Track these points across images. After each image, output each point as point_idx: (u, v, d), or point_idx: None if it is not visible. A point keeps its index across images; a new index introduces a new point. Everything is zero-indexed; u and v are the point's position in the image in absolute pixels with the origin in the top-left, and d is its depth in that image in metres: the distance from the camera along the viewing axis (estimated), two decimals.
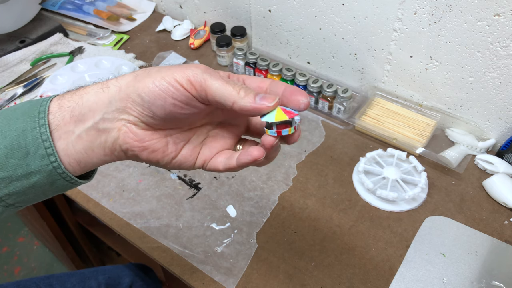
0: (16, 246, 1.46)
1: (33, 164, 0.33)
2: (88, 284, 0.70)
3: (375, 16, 0.68)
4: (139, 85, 0.32)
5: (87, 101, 0.33)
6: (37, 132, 0.33)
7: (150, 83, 0.32)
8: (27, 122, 0.33)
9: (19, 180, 0.34)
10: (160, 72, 0.32)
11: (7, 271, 1.39)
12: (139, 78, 0.33)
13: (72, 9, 1.02)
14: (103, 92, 0.33)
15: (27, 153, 0.33)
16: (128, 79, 0.33)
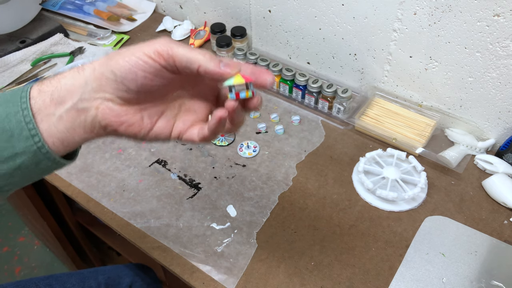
0: (17, 246, 1.46)
1: (18, 145, 0.35)
2: (88, 284, 0.70)
3: (375, 16, 0.68)
4: (111, 63, 0.34)
5: (65, 84, 0.36)
6: (20, 116, 0.35)
7: (120, 59, 0.34)
8: (10, 107, 0.35)
9: (5, 162, 0.35)
10: (129, 50, 0.35)
11: (8, 270, 1.40)
12: (111, 56, 0.35)
13: (73, 9, 1.02)
14: (78, 74, 0.36)
15: (11, 136, 0.35)
16: (101, 60, 0.35)
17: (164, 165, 0.69)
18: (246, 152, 0.70)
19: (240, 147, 0.71)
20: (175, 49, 0.34)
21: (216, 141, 0.72)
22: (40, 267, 1.41)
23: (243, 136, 0.73)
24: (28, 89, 0.36)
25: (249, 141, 0.72)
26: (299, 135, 0.73)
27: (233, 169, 0.68)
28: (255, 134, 0.74)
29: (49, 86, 0.36)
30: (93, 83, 0.35)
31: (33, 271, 1.40)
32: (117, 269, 0.77)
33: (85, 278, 0.71)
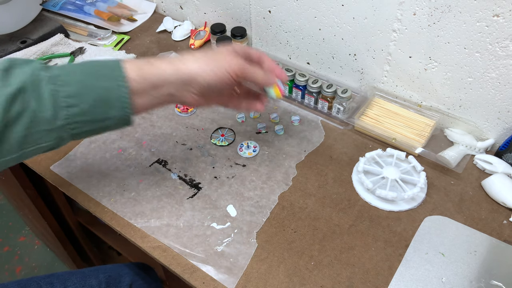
0: (17, 246, 1.47)
1: (111, 112, 0.49)
2: (89, 282, 0.70)
3: (375, 17, 0.68)
4: (204, 75, 0.51)
5: (165, 78, 0.50)
6: (118, 91, 0.48)
7: (212, 74, 0.51)
8: (109, 82, 0.48)
9: (97, 123, 0.49)
10: (216, 62, 0.51)
11: (8, 270, 1.40)
12: (202, 67, 0.51)
13: (73, 9, 1.03)
14: (177, 74, 0.51)
15: (110, 105, 0.48)
16: (194, 68, 0.51)
17: (164, 165, 0.69)
18: (246, 152, 0.70)
19: (240, 147, 0.71)
20: (247, 70, 0.53)
21: (216, 141, 0.72)
22: (40, 266, 1.42)
23: (243, 136, 0.74)
24: (123, 68, 0.48)
25: (249, 141, 0.72)
26: (299, 135, 0.73)
27: (233, 169, 0.68)
28: (255, 134, 0.74)
29: (148, 69, 0.50)
30: (187, 84, 0.51)
31: (33, 270, 1.41)
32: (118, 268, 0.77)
33: (86, 277, 0.71)
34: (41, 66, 0.47)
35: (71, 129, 0.48)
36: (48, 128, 0.46)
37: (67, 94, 0.46)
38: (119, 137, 0.74)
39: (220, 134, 0.74)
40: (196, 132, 0.74)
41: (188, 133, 0.74)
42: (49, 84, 0.46)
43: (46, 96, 0.45)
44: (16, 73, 0.46)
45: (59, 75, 0.47)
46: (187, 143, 0.73)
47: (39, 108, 0.45)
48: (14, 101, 0.44)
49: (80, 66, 0.49)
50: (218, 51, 0.54)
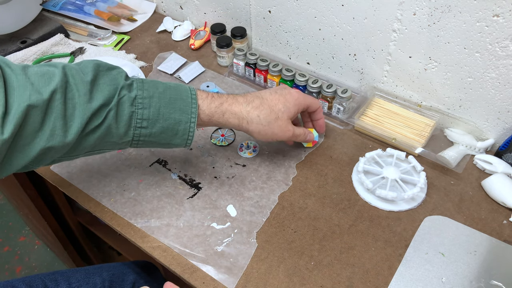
0: (17, 246, 1.47)
1: (175, 141, 0.54)
2: (93, 280, 0.70)
3: (375, 17, 0.68)
4: (261, 137, 0.60)
5: (228, 126, 0.58)
6: (187, 125, 0.53)
7: (268, 138, 0.60)
8: (183, 116, 0.53)
9: (158, 144, 0.54)
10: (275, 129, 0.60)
11: (8, 270, 1.40)
12: (263, 131, 0.59)
13: (73, 9, 1.03)
14: (239, 128, 0.59)
15: (175, 134, 0.54)
16: (255, 130, 0.59)
17: (164, 165, 0.69)
18: (246, 152, 0.70)
19: (240, 147, 0.71)
20: (308, 100, 0.63)
21: (216, 141, 0.72)
22: (40, 266, 1.42)
23: (243, 136, 0.74)
24: (197, 104, 0.54)
25: (249, 141, 0.72)
26: None
27: (233, 169, 0.68)
28: None
29: (216, 112, 0.56)
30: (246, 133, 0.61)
31: (33, 270, 1.41)
32: (122, 266, 0.77)
33: (90, 275, 0.71)
34: (124, 82, 0.50)
35: (134, 144, 0.53)
36: (117, 141, 0.51)
37: (142, 117, 0.51)
38: None
39: (220, 134, 0.74)
40: (196, 132, 0.74)
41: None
42: (130, 106, 0.50)
43: (125, 117, 0.50)
44: (101, 87, 0.49)
45: (139, 97, 0.51)
46: None
47: (115, 125, 0.50)
48: (95, 115, 0.48)
49: (159, 89, 0.52)
50: (283, 110, 0.59)
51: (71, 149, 0.48)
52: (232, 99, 0.57)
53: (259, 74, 0.81)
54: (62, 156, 0.49)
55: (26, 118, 0.43)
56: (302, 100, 0.62)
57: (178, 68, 0.87)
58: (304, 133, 0.65)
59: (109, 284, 0.71)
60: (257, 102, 0.58)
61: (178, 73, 0.86)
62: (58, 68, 0.47)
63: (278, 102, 0.59)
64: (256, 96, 0.59)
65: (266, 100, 0.59)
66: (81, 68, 0.49)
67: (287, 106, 0.59)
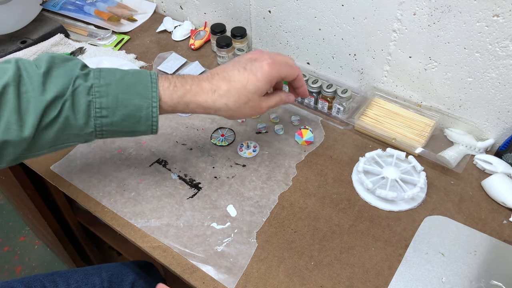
0: (17, 246, 1.47)
1: (139, 127, 0.52)
2: (91, 280, 0.70)
3: (375, 17, 0.68)
4: (229, 115, 0.56)
5: (194, 111, 0.55)
6: (149, 111, 0.51)
7: (238, 115, 0.57)
8: (143, 101, 0.50)
9: (123, 133, 0.52)
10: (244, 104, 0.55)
11: (8, 270, 1.40)
12: (230, 109, 0.55)
13: (73, 9, 1.03)
14: (205, 111, 0.55)
15: (138, 121, 0.51)
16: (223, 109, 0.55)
17: (164, 165, 0.69)
18: (246, 152, 0.70)
19: (240, 147, 0.71)
20: (283, 72, 0.57)
21: (216, 141, 0.72)
22: (40, 266, 1.42)
23: (243, 136, 0.74)
24: (157, 88, 0.51)
25: (249, 141, 0.72)
26: None
27: (233, 169, 0.68)
28: (255, 134, 0.74)
29: (179, 99, 0.53)
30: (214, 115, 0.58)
31: (33, 270, 1.41)
32: (121, 267, 0.77)
33: (88, 275, 0.71)
34: (79, 72, 0.49)
35: (98, 134, 0.51)
36: (78, 133, 0.50)
37: (100, 106, 0.49)
38: None
39: (220, 134, 0.74)
40: (196, 132, 0.74)
41: (188, 133, 0.74)
42: (84, 94, 0.48)
43: (80, 106, 0.48)
44: (55, 78, 0.47)
45: (96, 85, 0.49)
46: (187, 143, 0.73)
47: (73, 116, 0.48)
48: (50, 108, 0.47)
49: (116, 76, 0.51)
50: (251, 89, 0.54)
51: (32, 144, 0.48)
52: (196, 87, 0.53)
53: None
54: (25, 152, 0.48)
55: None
56: (276, 74, 0.55)
57: (178, 68, 0.87)
58: (281, 99, 0.60)
59: (108, 285, 0.71)
60: (224, 88, 0.53)
61: (178, 73, 0.86)
62: (11, 62, 0.47)
63: (247, 83, 0.54)
64: (223, 79, 0.54)
65: (233, 83, 0.54)
66: (35, 62, 0.48)
67: (257, 85, 0.54)
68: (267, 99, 0.58)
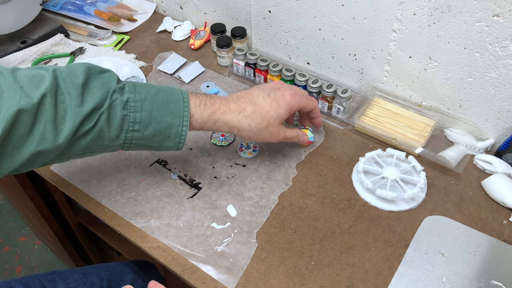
0: (17, 246, 1.47)
1: (167, 144, 0.54)
2: (90, 280, 0.70)
3: (375, 17, 0.68)
4: (253, 138, 0.60)
5: (220, 130, 0.58)
6: (179, 128, 0.53)
7: (260, 139, 0.61)
8: (174, 119, 0.53)
9: (150, 147, 0.55)
10: (266, 131, 0.59)
11: (8, 270, 1.40)
12: (253, 134, 0.59)
13: (73, 9, 1.03)
14: (231, 131, 0.58)
15: (168, 138, 0.53)
16: (246, 132, 0.58)
17: (164, 165, 0.69)
18: (246, 152, 0.70)
19: (240, 147, 0.71)
20: (302, 103, 0.62)
21: (216, 141, 0.72)
22: (40, 266, 1.42)
23: None
24: (189, 108, 0.54)
25: (249, 141, 0.72)
26: None
27: (233, 169, 0.68)
28: None
29: (208, 118, 0.55)
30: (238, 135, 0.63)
31: (33, 270, 1.41)
32: (120, 266, 0.77)
33: (87, 274, 0.71)
34: (116, 86, 0.50)
35: (126, 146, 0.53)
36: (108, 144, 0.51)
37: (134, 120, 0.51)
38: None
39: (220, 134, 0.74)
40: (196, 132, 0.74)
41: (188, 133, 0.74)
42: (122, 109, 0.50)
43: (117, 120, 0.50)
44: (93, 90, 0.48)
45: (131, 100, 0.50)
46: (187, 143, 0.73)
47: (107, 128, 0.49)
48: (87, 119, 0.47)
49: (151, 92, 0.52)
50: (274, 117, 0.59)
51: (62, 152, 0.48)
52: (224, 106, 0.57)
53: (259, 74, 0.81)
54: (54, 158, 0.49)
55: (16, 122, 0.42)
56: (296, 104, 0.61)
57: (178, 68, 0.87)
58: (297, 135, 0.65)
59: (107, 284, 0.71)
60: (249, 110, 0.57)
61: (178, 73, 0.86)
62: (49, 71, 0.47)
63: (270, 109, 0.58)
64: (249, 102, 0.58)
65: (258, 107, 0.58)
66: (72, 71, 0.48)
67: (278, 112, 0.59)
68: (286, 129, 0.62)
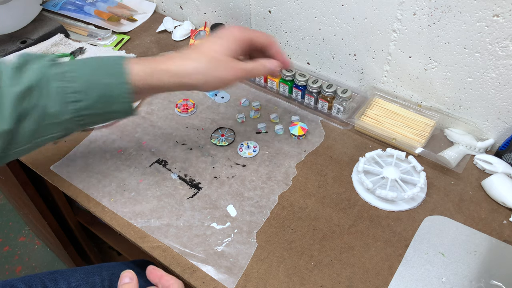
0: (17, 246, 1.47)
1: (115, 107, 0.52)
2: (92, 279, 0.70)
3: (375, 17, 0.68)
4: (206, 86, 0.54)
5: (167, 87, 0.53)
6: (122, 86, 0.51)
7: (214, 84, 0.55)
8: (113, 79, 0.50)
9: (101, 115, 0.52)
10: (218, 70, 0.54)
11: (8, 270, 1.40)
12: (204, 78, 0.53)
13: (73, 9, 1.03)
14: (179, 85, 0.53)
15: (113, 101, 0.51)
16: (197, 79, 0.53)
17: (164, 165, 0.69)
18: (246, 152, 0.70)
19: (240, 147, 0.71)
20: (253, 35, 0.57)
21: (216, 141, 0.72)
22: (40, 266, 1.42)
23: (243, 136, 0.74)
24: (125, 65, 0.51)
25: (249, 141, 0.72)
26: None
27: (233, 169, 0.68)
28: (255, 134, 0.74)
29: (150, 74, 0.52)
30: (190, 89, 0.55)
31: (33, 270, 1.41)
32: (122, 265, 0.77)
33: (89, 274, 0.71)
34: (51, 63, 0.50)
35: (78, 121, 0.52)
36: (57, 121, 0.50)
37: (73, 90, 0.50)
38: (119, 137, 0.74)
39: (220, 134, 0.74)
40: (196, 132, 0.74)
41: (188, 133, 0.74)
42: (56, 81, 0.49)
43: (54, 93, 0.49)
44: (27, 71, 0.49)
45: (66, 72, 0.50)
46: (187, 143, 0.73)
47: (47, 104, 0.49)
48: (24, 99, 0.48)
49: (87, 62, 0.52)
50: (220, 50, 0.54)
51: (15, 136, 0.49)
52: (167, 58, 0.54)
53: None
54: (10, 145, 0.49)
55: None
56: (246, 35, 0.56)
57: None
58: (260, 64, 0.57)
59: (109, 283, 0.71)
60: (193, 54, 0.54)
61: None
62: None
63: (213, 44, 0.54)
64: (194, 48, 0.55)
65: (201, 48, 0.54)
66: (10, 59, 0.50)
67: (224, 44, 0.54)
68: (244, 62, 0.56)
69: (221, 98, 0.81)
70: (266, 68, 0.58)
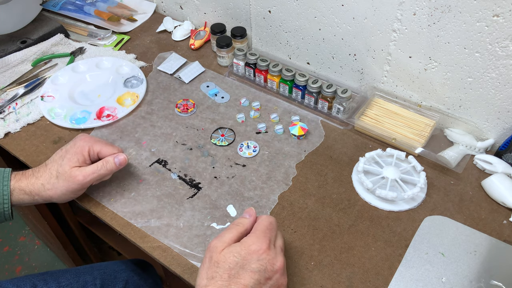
0: (17, 246, 1.47)
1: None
2: (83, 278, 0.70)
3: (375, 17, 0.68)
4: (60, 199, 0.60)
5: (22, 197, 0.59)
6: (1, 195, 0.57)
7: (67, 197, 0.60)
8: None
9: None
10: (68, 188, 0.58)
11: (8, 270, 1.40)
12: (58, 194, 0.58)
13: (73, 9, 1.03)
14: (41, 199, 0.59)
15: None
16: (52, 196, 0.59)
17: (164, 165, 0.69)
18: (246, 152, 0.70)
19: (240, 147, 0.71)
20: (95, 144, 0.61)
21: (216, 141, 0.72)
22: (40, 266, 1.42)
23: (243, 136, 0.74)
24: (9, 182, 0.58)
25: (249, 141, 0.72)
26: None
27: (233, 169, 0.68)
28: (255, 134, 0.74)
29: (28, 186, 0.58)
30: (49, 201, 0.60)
31: (33, 270, 1.40)
32: (113, 265, 0.77)
33: (80, 274, 0.71)
34: None
35: None
36: None
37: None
38: (119, 137, 0.74)
39: (220, 134, 0.74)
40: (196, 132, 0.74)
41: (188, 133, 0.74)
42: None
43: None
44: None
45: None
46: (187, 143, 0.73)
47: None
48: None
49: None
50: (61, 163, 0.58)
51: None
52: (20, 175, 0.59)
53: (259, 74, 0.81)
54: None
55: None
56: (85, 144, 0.60)
57: (178, 68, 0.87)
58: (102, 165, 0.59)
59: (101, 282, 0.71)
60: (40, 172, 0.59)
61: (178, 73, 0.86)
62: None
63: (58, 159, 0.59)
64: (44, 165, 0.60)
65: (47, 166, 0.59)
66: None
67: (65, 157, 0.58)
68: (85, 167, 0.59)
69: (221, 98, 0.81)
70: (108, 167, 0.60)
